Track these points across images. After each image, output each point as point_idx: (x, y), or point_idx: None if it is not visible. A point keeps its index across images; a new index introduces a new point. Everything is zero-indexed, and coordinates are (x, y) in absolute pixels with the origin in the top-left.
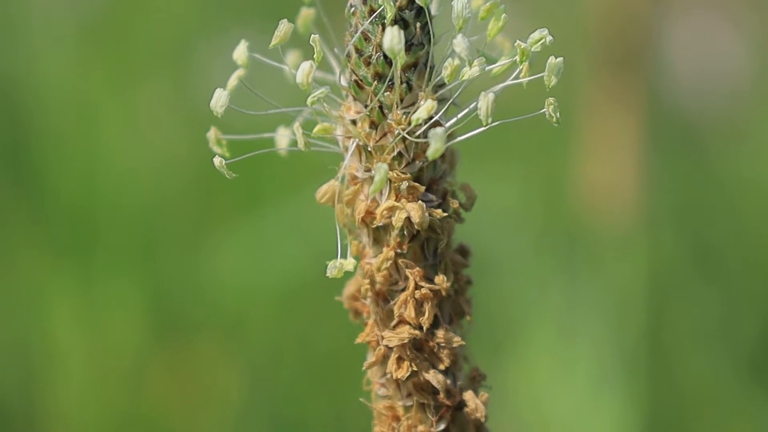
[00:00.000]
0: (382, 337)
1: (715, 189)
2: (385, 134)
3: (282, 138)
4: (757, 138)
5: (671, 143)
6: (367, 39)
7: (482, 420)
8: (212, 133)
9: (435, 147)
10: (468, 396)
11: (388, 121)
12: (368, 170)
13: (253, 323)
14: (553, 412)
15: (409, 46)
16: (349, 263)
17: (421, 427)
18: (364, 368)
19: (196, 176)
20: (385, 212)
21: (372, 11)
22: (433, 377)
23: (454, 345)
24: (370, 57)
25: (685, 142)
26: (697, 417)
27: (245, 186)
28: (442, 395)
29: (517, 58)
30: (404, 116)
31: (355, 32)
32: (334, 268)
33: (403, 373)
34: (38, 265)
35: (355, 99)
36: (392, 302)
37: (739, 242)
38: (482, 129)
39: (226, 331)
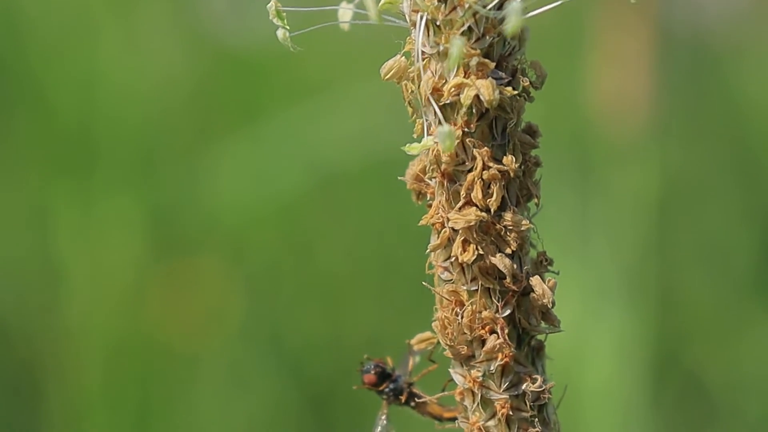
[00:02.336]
0: (448, 219)
1: (721, 104)
2: (454, 8)
3: (345, 12)
4: (763, 54)
5: (680, 57)
6: None
7: (549, 305)
8: (272, 5)
9: (513, 21)
10: (535, 281)
11: None
12: (437, 45)
13: (253, 240)
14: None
15: None
16: (428, 141)
17: (485, 312)
18: (427, 251)
19: (195, 93)
20: (453, 89)
21: None
22: (500, 261)
23: (522, 228)
24: None
25: (693, 56)
26: (697, 333)
27: (243, 102)
28: (508, 279)
29: None
30: None
31: None
32: (410, 148)
33: (468, 256)
34: (38, 183)
35: None
36: (458, 183)
37: (742, 157)
38: (555, 3)
39: (225, 248)
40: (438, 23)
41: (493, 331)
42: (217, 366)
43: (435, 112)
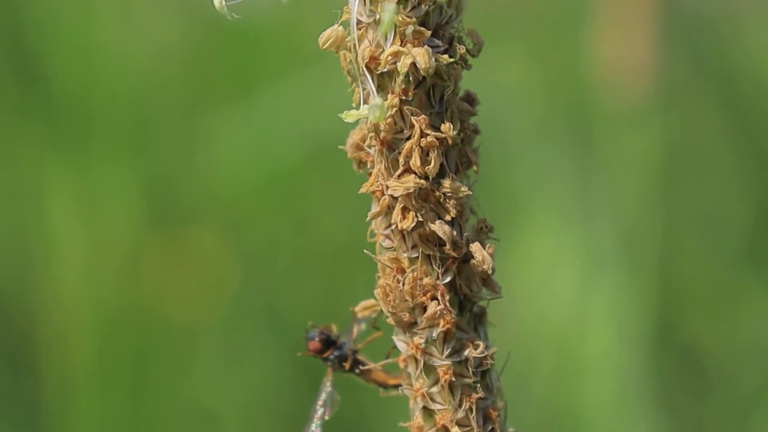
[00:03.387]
0: (387, 187)
1: (721, 73)
2: None
3: None
4: (763, 23)
5: (681, 25)
6: None
7: (489, 272)
8: None
9: None
10: (475, 248)
11: None
12: (373, 14)
13: (249, 210)
14: (551, 299)
15: None
16: (364, 110)
17: (426, 279)
18: (368, 219)
19: (191, 63)
20: (389, 57)
21: None
22: (439, 228)
23: (461, 195)
24: None
25: (693, 24)
26: (694, 303)
27: (239, 72)
28: (448, 246)
29: None
30: None
31: None
32: (347, 114)
33: (408, 223)
34: (35, 153)
35: None
36: (397, 151)
37: (741, 127)
38: None
39: (222, 219)
40: None
41: (434, 298)
42: (213, 337)
43: (371, 81)
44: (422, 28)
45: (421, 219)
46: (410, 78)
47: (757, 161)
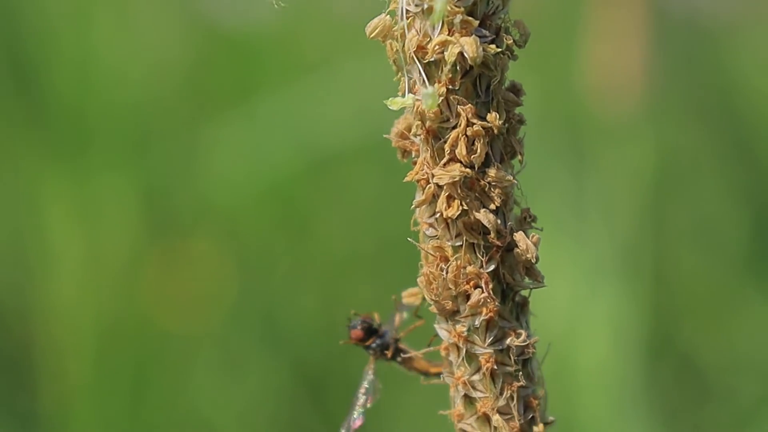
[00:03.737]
0: (433, 175)
1: (715, 82)
2: None
3: None
4: (757, 32)
5: (674, 34)
6: None
7: (533, 261)
8: None
9: None
10: (519, 237)
11: None
12: (421, 3)
13: (247, 220)
14: (548, 308)
15: None
16: (408, 99)
17: (470, 268)
18: (412, 207)
19: (189, 74)
20: (437, 47)
21: None
22: (484, 216)
23: (506, 184)
24: None
25: (687, 34)
26: (692, 312)
27: (237, 82)
28: (492, 235)
29: None
30: None
31: None
32: (392, 102)
33: (453, 211)
34: (33, 163)
35: None
36: (443, 140)
37: (736, 136)
38: None
39: (219, 229)
40: None
41: (477, 286)
42: (211, 346)
43: (419, 70)
44: (470, 18)
45: (466, 207)
46: (457, 67)
47: (754, 170)
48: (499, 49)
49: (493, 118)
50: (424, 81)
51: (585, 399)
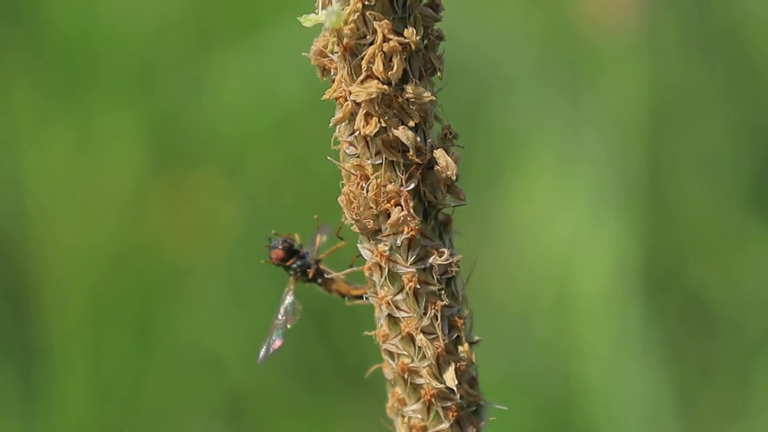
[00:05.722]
0: (350, 93)
1: (718, 14)
2: None
3: None
4: None
5: None
6: None
7: (453, 178)
8: None
9: None
10: (438, 154)
11: None
12: None
13: (252, 152)
14: (550, 240)
15: None
16: (321, 15)
17: (390, 186)
18: (330, 125)
19: (195, 5)
20: None
21: None
22: (402, 133)
23: (424, 100)
24: None
25: None
26: (696, 248)
27: (243, 13)
28: (411, 152)
29: None
30: None
31: None
32: (305, 19)
33: (371, 129)
34: (38, 98)
35: None
36: (360, 56)
37: (740, 68)
38: None
39: (225, 161)
40: None
41: (398, 204)
42: (216, 279)
43: None
44: None
45: (384, 125)
46: None
47: (758, 104)
48: None
49: (410, 33)
50: None
51: (585, 327)
